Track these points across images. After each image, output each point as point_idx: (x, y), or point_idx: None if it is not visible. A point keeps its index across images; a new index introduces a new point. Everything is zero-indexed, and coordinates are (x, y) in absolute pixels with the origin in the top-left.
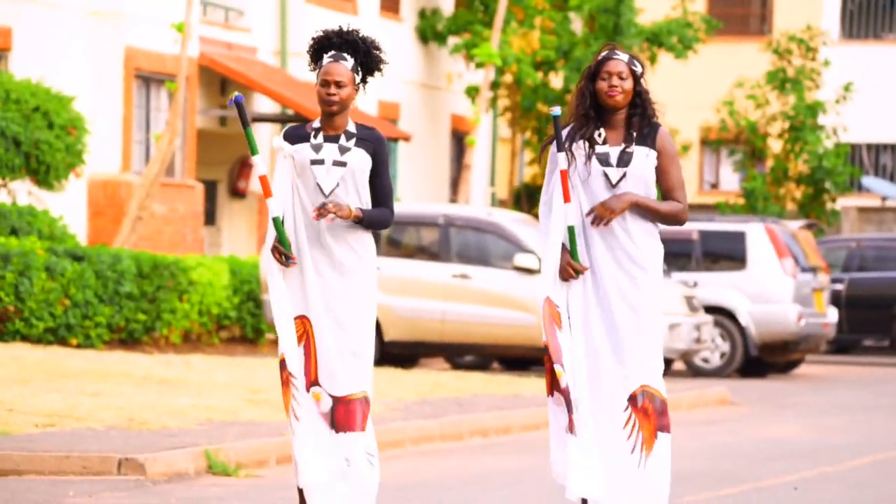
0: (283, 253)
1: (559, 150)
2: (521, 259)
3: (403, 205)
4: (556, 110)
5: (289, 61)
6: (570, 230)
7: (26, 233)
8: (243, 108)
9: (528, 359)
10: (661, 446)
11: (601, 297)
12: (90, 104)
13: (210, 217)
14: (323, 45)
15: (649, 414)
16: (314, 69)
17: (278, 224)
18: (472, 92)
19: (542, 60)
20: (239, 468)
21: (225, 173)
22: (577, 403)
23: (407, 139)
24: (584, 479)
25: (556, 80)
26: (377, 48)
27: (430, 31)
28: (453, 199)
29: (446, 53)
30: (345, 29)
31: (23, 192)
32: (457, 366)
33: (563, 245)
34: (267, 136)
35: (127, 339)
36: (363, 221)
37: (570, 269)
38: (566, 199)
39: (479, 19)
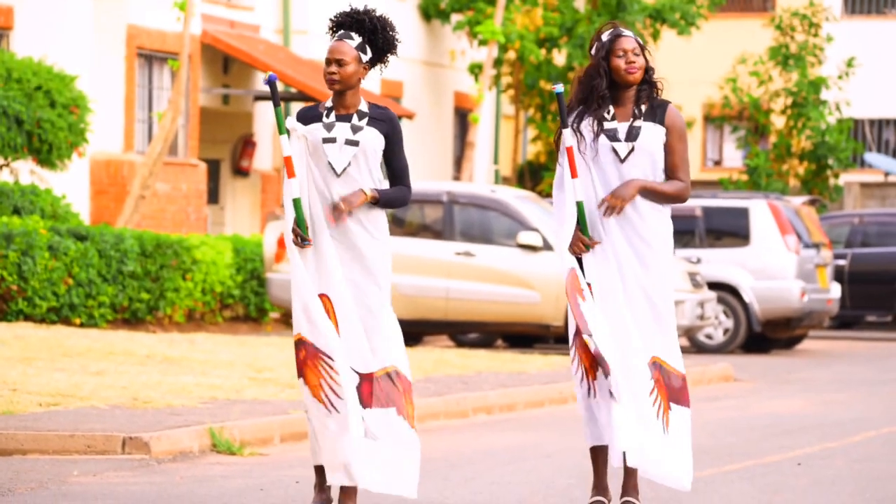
0: (299, 234)
1: (563, 126)
2: (524, 236)
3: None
4: (559, 87)
5: (291, 39)
6: (579, 205)
7: (29, 212)
8: (276, 87)
9: (532, 336)
10: (676, 419)
11: (618, 272)
12: (92, 83)
13: (213, 196)
14: (339, 24)
15: (662, 385)
16: None
17: (298, 205)
18: (476, 69)
19: (546, 37)
20: (243, 446)
21: (228, 152)
22: (610, 368)
23: (410, 117)
24: (628, 437)
25: (560, 57)
26: (386, 27)
27: (433, 9)
28: (457, 177)
29: (449, 31)
30: (356, 8)
31: (25, 171)
32: (461, 343)
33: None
34: (270, 115)
35: (130, 319)
36: (379, 201)
37: (580, 244)
38: (573, 174)
39: None
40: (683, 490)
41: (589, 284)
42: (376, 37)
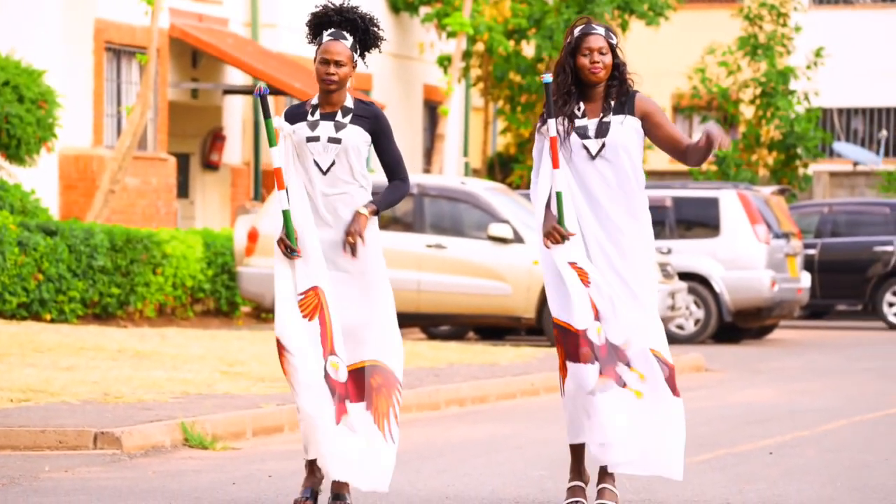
0: (287, 246)
1: (549, 116)
2: (495, 228)
3: (376, 175)
4: (547, 77)
5: (260, 32)
6: (559, 196)
7: None
8: (267, 100)
9: (503, 328)
10: (673, 409)
11: (596, 265)
12: (61, 77)
13: (183, 190)
14: (322, 21)
15: (646, 378)
16: (311, 43)
17: (287, 217)
18: (445, 61)
19: (514, 29)
20: (215, 441)
21: (197, 146)
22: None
23: None
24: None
25: (528, 49)
26: (376, 25)
27: (401, 1)
28: (427, 169)
29: (418, 23)
30: (344, 6)
31: None
32: (432, 336)
33: (549, 210)
34: (239, 109)
35: (101, 314)
36: (378, 210)
37: (555, 234)
38: (555, 164)
39: None
40: (676, 478)
41: (573, 263)
42: (367, 36)
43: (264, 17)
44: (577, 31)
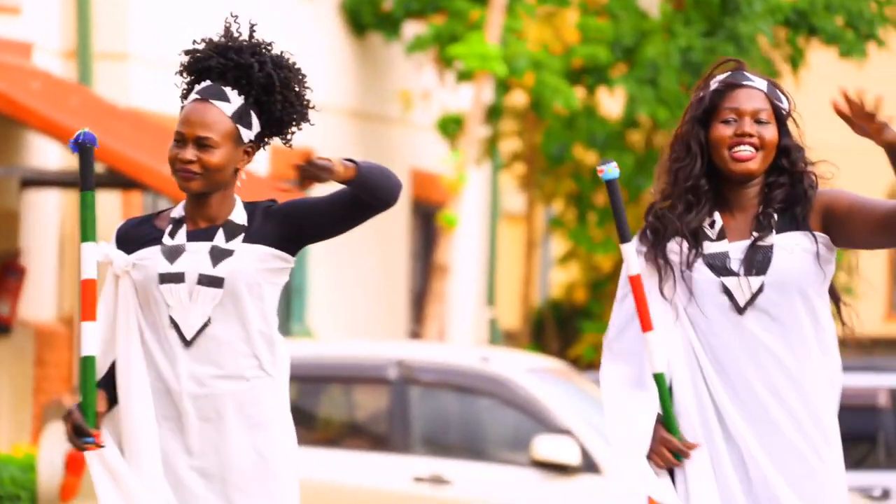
0: (78, 428)
1: (623, 239)
2: (544, 445)
3: (324, 346)
4: (610, 171)
5: (95, 69)
6: (658, 380)
7: None
8: (90, 155)
9: None
10: None
11: (750, 494)
12: None
13: None
14: (200, 70)
15: None
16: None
17: (90, 368)
18: (451, 126)
19: (585, 66)
20: None
21: None
22: None
23: None
24: None
25: (612, 103)
26: (290, 79)
27: (368, 15)
28: (415, 332)
29: (400, 52)
30: (242, 43)
31: None
32: None
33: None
34: (54, 214)
35: None
36: (356, 180)
37: (664, 453)
38: (645, 325)
39: None
40: None
41: None
42: (272, 96)
43: (101, 43)
44: (716, 82)
